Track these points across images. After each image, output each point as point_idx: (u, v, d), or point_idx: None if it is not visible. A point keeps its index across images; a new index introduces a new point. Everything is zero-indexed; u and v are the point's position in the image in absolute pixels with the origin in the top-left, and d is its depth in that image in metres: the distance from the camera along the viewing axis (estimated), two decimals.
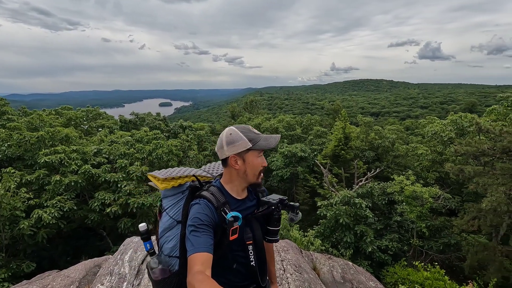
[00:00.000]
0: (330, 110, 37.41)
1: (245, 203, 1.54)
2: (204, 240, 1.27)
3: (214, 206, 1.41)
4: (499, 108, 12.06)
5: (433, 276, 7.47)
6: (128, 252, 4.95)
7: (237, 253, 1.50)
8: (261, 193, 1.62)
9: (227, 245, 1.41)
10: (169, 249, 1.49)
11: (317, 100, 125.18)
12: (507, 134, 8.75)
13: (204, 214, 1.36)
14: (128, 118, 21.50)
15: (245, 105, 39.02)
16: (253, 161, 1.45)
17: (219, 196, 1.45)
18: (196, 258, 1.20)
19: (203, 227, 1.31)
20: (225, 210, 1.41)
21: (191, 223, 1.33)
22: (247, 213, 1.52)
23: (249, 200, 1.57)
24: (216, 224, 1.38)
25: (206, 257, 1.21)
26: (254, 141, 1.42)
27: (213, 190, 1.47)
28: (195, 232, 1.29)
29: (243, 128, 1.45)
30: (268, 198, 1.55)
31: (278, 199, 1.52)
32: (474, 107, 69.36)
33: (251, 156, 1.44)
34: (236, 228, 1.36)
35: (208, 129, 25.69)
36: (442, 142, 13.01)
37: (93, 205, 9.24)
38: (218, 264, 1.45)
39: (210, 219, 1.36)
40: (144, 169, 9.95)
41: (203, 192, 1.47)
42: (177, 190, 1.58)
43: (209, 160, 16.04)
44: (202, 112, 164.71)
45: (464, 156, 9.90)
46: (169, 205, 1.56)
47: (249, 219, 1.53)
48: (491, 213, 9.00)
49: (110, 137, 14.36)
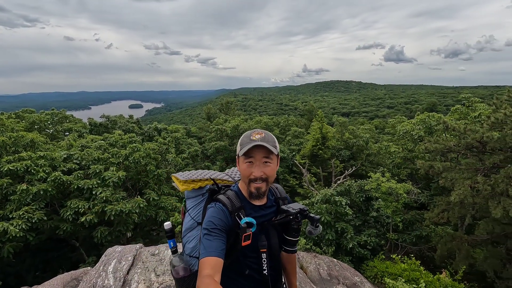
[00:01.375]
0: (305, 110, 38.23)
1: (262, 209, 1.49)
2: (216, 244, 1.28)
3: (228, 210, 1.40)
4: (461, 107, 13.12)
5: (410, 267, 7.91)
6: (112, 263, 4.70)
7: (250, 260, 1.47)
8: (281, 200, 1.58)
9: (240, 250, 1.40)
10: (190, 249, 1.55)
11: (291, 101, 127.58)
12: (471, 132, 9.47)
13: (217, 218, 1.36)
14: (99, 121, 20.42)
15: (220, 106, 38.76)
16: (240, 167, 1.41)
17: (235, 200, 1.44)
18: (206, 262, 1.21)
19: (215, 231, 1.32)
20: (239, 215, 1.40)
21: (205, 227, 1.36)
22: (263, 220, 1.48)
23: (267, 207, 1.52)
24: (229, 228, 1.38)
25: (216, 261, 1.22)
26: (241, 147, 1.38)
27: (229, 194, 1.47)
28: (207, 235, 1.31)
29: (249, 132, 1.41)
30: (287, 207, 1.49)
31: (298, 209, 1.46)
32: (435, 107, 74.47)
33: (240, 161, 1.40)
34: (249, 234, 1.34)
35: (184, 131, 25.15)
36: (413, 140, 13.86)
37: (65, 215, 8.64)
38: (231, 268, 1.46)
39: (224, 223, 1.36)
40: (121, 174, 9.48)
41: (220, 195, 1.48)
42: (198, 192, 1.62)
43: (188, 163, 15.70)
44: (175, 114, 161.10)
45: (433, 153, 10.57)
46: (191, 206, 1.62)
47: (265, 226, 1.48)
48: (458, 205, 9.68)
49: (80, 141, 13.55)
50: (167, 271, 4.39)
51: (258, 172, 1.35)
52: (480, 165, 9.52)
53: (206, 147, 20.16)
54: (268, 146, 1.32)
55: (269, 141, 1.35)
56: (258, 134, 1.37)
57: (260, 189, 1.38)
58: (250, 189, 1.40)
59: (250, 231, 1.33)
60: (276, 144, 1.40)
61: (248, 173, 1.36)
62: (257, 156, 1.35)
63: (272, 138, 1.40)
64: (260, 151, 1.34)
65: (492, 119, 8.99)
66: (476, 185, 8.81)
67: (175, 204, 10.83)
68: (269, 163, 1.36)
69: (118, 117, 22.30)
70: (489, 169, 9.29)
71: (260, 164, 1.35)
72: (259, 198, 1.43)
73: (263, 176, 1.35)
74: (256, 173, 1.35)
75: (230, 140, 20.25)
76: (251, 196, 1.43)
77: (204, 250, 1.26)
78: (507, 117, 8.47)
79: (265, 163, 1.36)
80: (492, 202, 8.39)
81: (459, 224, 11.95)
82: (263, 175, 1.35)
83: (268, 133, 1.41)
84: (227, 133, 20.00)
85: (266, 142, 1.33)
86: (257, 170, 1.35)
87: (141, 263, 4.67)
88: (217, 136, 21.09)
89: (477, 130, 9.51)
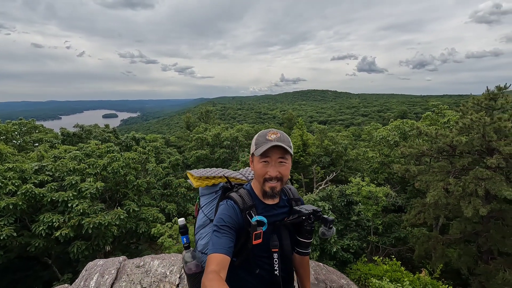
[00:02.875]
0: (284, 119, 38.88)
1: (274, 208, 1.49)
2: (224, 241, 1.29)
3: (239, 207, 1.41)
4: (432, 114, 14.00)
5: (392, 268, 8.16)
6: (94, 277, 4.47)
7: (261, 259, 1.47)
8: (294, 201, 1.57)
9: (251, 249, 1.39)
10: (202, 246, 1.57)
11: (269, 110, 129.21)
12: (441, 137, 10.09)
13: (227, 215, 1.37)
14: (72, 131, 19.48)
15: (200, 115, 38.43)
16: (255, 167, 1.41)
17: (247, 198, 1.44)
18: (213, 258, 1.23)
19: (225, 228, 1.33)
20: (251, 213, 1.40)
21: (215, 223, 1.37)
22: (275, 220, 1.47)
23: (279, 207, 1.51)
24: (240, 226, 1.38)
25: (222, 258, 1.23)
26: (256, 146, 1.38)
27: (241, 192, 1.47)
28: (217, 232, 1.32)
29: (263, 131, 1.41)
30: (300, 208, 1.48)
31: (311, 210, 1.44)
32: (405, 115, 78.33)
33: (255, 160, 1.40)
34: (259, 232, 1.34)
35: (162, 140, 24.62)
36: (389, 146, 14.49)
37: (37, 230, 8.07)
38: (242, 267, 1.47)
39: (234, 221, 1.37)
40: (99, 185, 9.06)
41: (232, 193, 1.49)
42: (211, 190, 1.64)
43: (168, 172, 15.32)
44: (152, 123, 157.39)
45: (408, 157, 11.12)
46: (205, 203, 1.64)
47: (277, 226, 1.47)
48: (433, 207, 10.19)
49: (53, 152, 12.84)
50: (154, 283, 4.24)
51: (273, 171, 1.35)
52: (451, 167, 10.13)
53: (186, 156, 19.82)
54: (285, 146, 1.33)
55: (284, 141, 1.36)
56: (274, 134, 1.37)
57: (275, 188, 1.38)
58: (264, 188, 1.39)
59: (260, 229, 1.34)
60: (291, 144, 1.41)
61: (264, 172, 1.36)
62: (273, 156, 1.35)
63: (287, 138, 1.40)
64: (276, 151, 1.34)
65: (460, 124, 9.63)
66: (448, 187, 9.34)
67: (156, 215, 10.48)
68: (284, 162, 1.36)
69: (93, 127, 21.43)
70: (459, 171, 9.89)
71: (275, 163, 1.35)
72: (273, 197, 1.44)
73: (278, 176, 1.36)
74: (272, 172, 1.35)
75: (211, 148, 20.07)
76: (265, 195, 1.42)
77: (212, 247, 1.28)
78: (473, 122, 9.11)
79: (280, 162, 1.36)
80: (463, 202, 8.91)
81: (434, 225, 12.55)
82: (279, 174, 1.36)
83: (283, 133, 1.41)
84: (208, 141, 19.82)
85: (282, 142, 1.33)
86: (272, 169, 1.35)
87: (125, 276, 4.47)
88: (197, 145, 20.83)
89: (447, 135, 10.15)
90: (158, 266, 4.58)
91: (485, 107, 9.45)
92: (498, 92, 9.33)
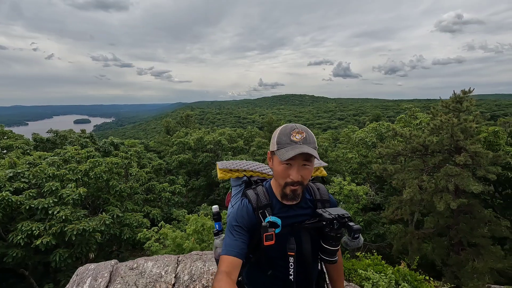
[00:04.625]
0: (264, 123, 39.34)
1: (293, 209, 1.39)
2: (236, 243, 1.27)
3: (252, 206, 1.36)
4: (405, 116, 14.95)
5: (373, 262, 8.61)
6: (87, 281, 4.42)
7: (275, 261, 1.40)
8: (321, 203, 1.43)
9: (264, 250, 1.33)
10: None
11: (249, 114, 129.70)
12: (415, 137, 10.81)
13: (240, 215, 1.35)
14: (45, 137, 18.60)
15: (180, 119, 37.96)
16: (275, 167, 1.30)
17: (263, 197, 1.37)
18: (224, 259, 1.23)
19: (237, 229, 1.31)
20: (265, 212, 1.33)
21: (228, 222, 1.37)
22: (294, 221, 1.37)
23: (300, 207, 1.40)
24: (253, 226, 1.33)
25: (233, 260, 1.22)
26: (279, 146, 1.25)
27: (259, 190, 1.41)
28: (229, 232, 1.32)
29: (286, 128, 1.27)
30: (323, 211, 1.33)
31: (336, 215, 1.28)
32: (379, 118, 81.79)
33: (275, 160, 1.29)
34: (271, 234, 1.25)
35: (141, 146, 24.13)
36: (367, 147, 15.22)
37: (15, 239, 7.69)
38: (256, 265, 1.45)
39: (246, 220, 1.33)
40: (82, 190, 8.80)
41: (249, 190, 1.44)
42: (238, 182, 1.65)
43: (151, 177, 15.07)
44: (127, 128, 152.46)
45: (385, 157, 11.77)
46: (233, 194, 1.67)
47: (296, 228, 1.37)
48: (409, 203, 10.85)
49: (26, 158, 12.24)
50: (149, 283, 4.27)
51: (296, 176, 1.24)
52: (424, 166, 10.87)
53: (167, 161, 19.55)
54: (311, 151, 1.20)
55: (310, 142, 1.23)
56: (299, 133, 1.24)
57: (296, 191, 1.28)
58: (285, 191, 1.29)
59: (272, 230, 1.26)
60: (316, 144, 1.27)
61: (285, 175, 1.26)
62: (298, 160, 1.23)
63: (313, 139, 1.26)
64: (301, 155, 1.21)
65: (431, 125, 10.39)
66: (422, 184, 10.02)
67: (141, 220, 10.30)
68: (308, 166, 1.25)
69: (68, 132, 20.57)
70: (431, 169, 10.64)
71: (298, 167, 1.24)
72: (294, 200, 1.34)
73: (300, 180, 1.25)
74: (294, 176, 1.24)
75: (193, 152, 19.94)
76: (284, 197, 1.33)
77: (224, 247, 1.27)
78: (443, 124, 9.88)
79: (303, 165, 1.24)
80: (436, 198, 9.61)
81: (410, 221, 13.30)
82: (301, 179, 1.25)
83: (309, 131, 1.27)
84: (190, 146, 19.69)
85: (308, 145, 1.22)
86: (295, 173, 1.24)
87: (119, 278, 4.46)
88: (179, 150, 20.62)
89: (420, 135, 10.90)
90: (153, 267, 4.60)
91: (452, 109, 10.28)
92: (464, 96, 10.19)
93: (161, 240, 9.09)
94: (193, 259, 4.70)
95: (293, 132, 1.23)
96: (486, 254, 9.58)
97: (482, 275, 9.13)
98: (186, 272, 4.46)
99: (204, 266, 4.49)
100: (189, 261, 4.66)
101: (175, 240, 7.70)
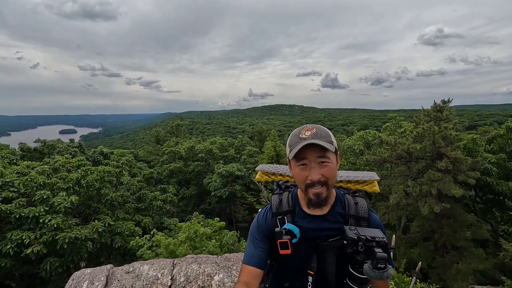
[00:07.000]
0: (254, 132, 39.73)
1: (318, 221, 1.24)
2: (256, 253, 1.25)
3: (272, 212, 1.31)
4: (390, 125, 15.60)
5: None
6: (84, 285, 4.49)
7: (293, 275, 1.34)
8: (355, 219, 1.24)
9: (282, 259, 1.29)
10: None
11: (238, 124, 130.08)
12: (400, 144, 11.31)
13: (261, 221, 1.33)
14: (32, 146, 18.33)
15: (170, 129, 37.92)
16: (293, 172, 1.19)
17: (286, 203, 1.30)
18: (244, 269, 1.22)
19: (258, 237, 1.29)
20: (284, 219, 1.25)
21: (250, 229, 1.36)
22: (318, 235, 1.23)
23: (327, 220, 1.24)
24: (271, 232, 1.27)
25: (251, 270, 1.21)
26: (290, 148, 1.16)
27: (284, 196, 1.34)
28: (250, 241, 1.31)
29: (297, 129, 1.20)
30: (351, 228, 1.16)
31: (364, 236, 1.09)
32: (366, 128, 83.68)
33: (292, 165, 1.19)
34: (285, 242, 1.16)
35: (131, 155, 24.00)
36: (355, 154, 15.71)
37: (4, 249, 7.58)
38: (275, 275, 1.41)
39: (265, 228, 1.30)
40: (73, 199, 8.78)
41: (275, 195, 1.37)
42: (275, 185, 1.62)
43: (142, 186, 15.02)
44: (115, 139, 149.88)
45: (372, 164, 12.22)
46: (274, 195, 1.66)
47: (320, 244, 1.23)
48: (395, 208, 11.24)
49: (13, 168, 12.08)
50: (146, 285, 4.38)
51: (315, 175, 1.11)
52: (408, 172, 11.35)
53: (158, 170, 19.50)
54: (321, 143, 1.09)
55: (322, 136, 1.13)
56: (308, 130, 1.14)
57: (320, 195, 1.13)
58: (308, 196, 1.15)
59: (287, 238, 1.17)
60: (331, 138, 1.16)
61: (303, 177, 1.13)
62: (311, 156, 1.11)
63: (326, 133, 1.16)
64: (313, 150, 1.10)
65: (414, 133, 10.93)
66: (407, 189, 10.45)
67: (133, 228, 10.28)
68: (326, 162, 1.12)
69: (56, 142, 20.30)
70: (415, 174, 11.12)
71: (315, 165, 1.12)
72: (320, 206, 1.17)
73: (321, 179, 1.11)
74: (313, 176, 1.11)
75: (184, 161, 19.98)
76: (310, 203, 1.18)
77: (245, 256, 1.26)
78: (425, 131, 10.43)
79: (321, 163, 1.12)
80: (420, 202, 10.03)
81: (397, 226, 13.69)
82: (322, 178, 1.11)
83: (320, 127, 1.17)
84: (181, 155, 19.75)
85: (318, 139, 1.11)
86: (313, 173, 1.11)
87: (116, 281, 4.55)
88: (170, 159, 20.62)
89: (404, 143, 11.42)
90: (149, 270, 4.72)
91: (433, 118, 10.86)
92: (443, 105, 10.80)
93: (154, 248, 9.10)
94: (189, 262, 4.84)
95: (302, 130, 1.16)
96: (469, 256, 9.99)
97: (465, 276, 9.50)
98: (182, 274, 4.59)
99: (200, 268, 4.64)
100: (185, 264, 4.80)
101: (168, 247, 7.74)
